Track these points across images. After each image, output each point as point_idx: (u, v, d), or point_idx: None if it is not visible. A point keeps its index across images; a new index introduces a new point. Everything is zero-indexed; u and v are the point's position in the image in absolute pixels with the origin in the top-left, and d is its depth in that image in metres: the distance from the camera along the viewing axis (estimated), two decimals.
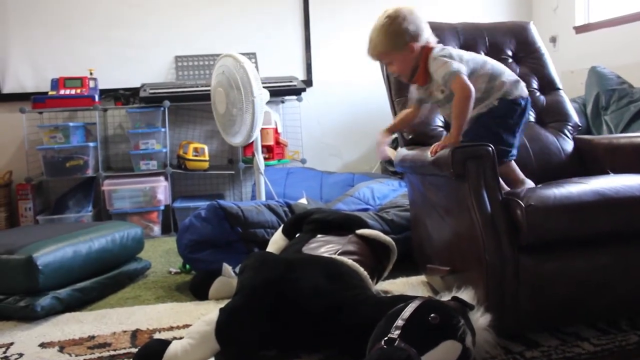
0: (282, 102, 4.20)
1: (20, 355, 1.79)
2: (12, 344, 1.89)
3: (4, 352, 1.82)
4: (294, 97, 4.03)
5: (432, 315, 1.33)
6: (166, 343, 1.54)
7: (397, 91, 2.30)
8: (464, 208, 1.67)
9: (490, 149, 1.64)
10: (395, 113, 2.31)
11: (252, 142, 3.18)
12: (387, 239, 2.13)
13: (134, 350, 1.76)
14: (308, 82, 4.26)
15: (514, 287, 1.57)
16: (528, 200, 1.58)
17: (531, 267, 1.58)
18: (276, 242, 2.27)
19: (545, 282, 1.60)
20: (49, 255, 2.16)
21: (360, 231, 2.10)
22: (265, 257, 1.79)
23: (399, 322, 1.33)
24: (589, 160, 2.24)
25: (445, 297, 1.48)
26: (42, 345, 1.87)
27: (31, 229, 2.95)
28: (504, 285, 1.58)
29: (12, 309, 2.11)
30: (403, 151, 2.19)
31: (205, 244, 2.45)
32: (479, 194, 1.62)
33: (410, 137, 2.22)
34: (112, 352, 1.78)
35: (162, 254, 3.11)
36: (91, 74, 3.78)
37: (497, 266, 1.57)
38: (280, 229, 2.31)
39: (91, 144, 3.66)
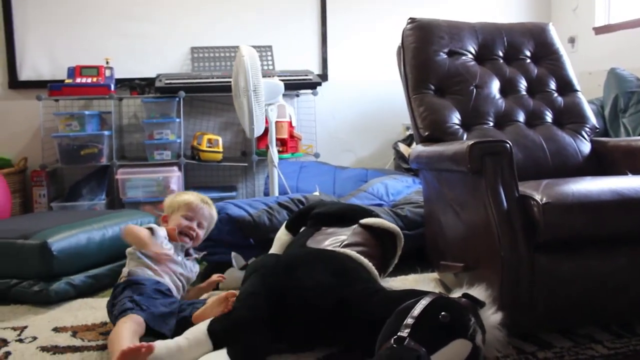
0: (297, 95, 4.19)
1: (34, 338, 1.81)
2: (26, 327, 1.91)
3: (19, 335, 1.84)
4: (309, 91, 4.01)
5: (442, 313, 1.31)
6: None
7: (414, 88, 2.28)
8: (479, 204, 1.66)
9: (507, 145, 1.63)
10: (411, 110, 2.28)
11: (266, 135, 3.19)
12: (392, 225, 2.05)
13: None
14: (323, 77, 4.25)
15: (528, 285, 1.56)
16: (545, 197, 1.56)
17: (547, 266, 1.57)
18: (280, 238, 2.24)
19: (560, 282, 1.59)
20: (63, 241, 2.18)
21: (364, 221, 2.04)
22: (265, 263, 1.76)
23: (409, 320, 1.32)
24: (607, 162, 2.21)
25: (456, 294, 1.47)
26: (56, 329, 1.89)
27: (45, 215, 2.98)
28: (518, 284, 1.57)
29: (26, 293, 2.13)
30: (418, 148, 2.18)
31: (219, 242, 2.43)
32: (495, 190, 1.61)
33: (426, 133, 2.21)
34: None
35: None
36: (107, 63, 3.80)
37: (513, 264, 1.56)
38: (284, 225, 2.28)
39: (106, 133, 3.68)
